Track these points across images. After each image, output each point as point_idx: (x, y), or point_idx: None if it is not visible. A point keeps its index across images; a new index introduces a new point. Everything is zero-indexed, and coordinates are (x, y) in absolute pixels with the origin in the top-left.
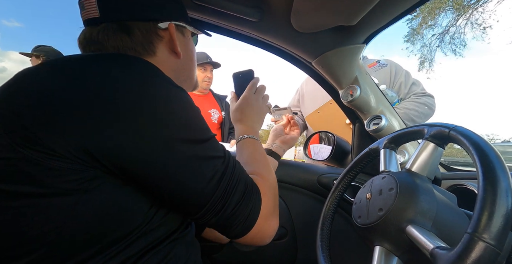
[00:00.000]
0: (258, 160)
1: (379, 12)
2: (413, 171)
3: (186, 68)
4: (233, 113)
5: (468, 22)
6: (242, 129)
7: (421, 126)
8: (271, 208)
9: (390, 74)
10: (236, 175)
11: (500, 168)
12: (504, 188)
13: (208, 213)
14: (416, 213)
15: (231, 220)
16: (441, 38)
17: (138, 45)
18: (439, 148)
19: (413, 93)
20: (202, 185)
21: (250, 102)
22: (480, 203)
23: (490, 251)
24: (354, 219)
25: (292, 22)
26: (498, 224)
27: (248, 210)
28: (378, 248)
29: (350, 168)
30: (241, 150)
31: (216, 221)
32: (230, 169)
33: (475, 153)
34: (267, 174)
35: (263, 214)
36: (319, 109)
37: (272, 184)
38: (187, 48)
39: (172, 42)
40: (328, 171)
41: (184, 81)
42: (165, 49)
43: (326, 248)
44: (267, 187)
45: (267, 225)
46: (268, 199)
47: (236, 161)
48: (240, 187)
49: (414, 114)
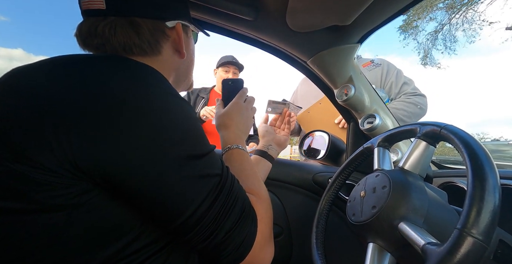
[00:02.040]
0: (249, 175)
1: (373, 12)
2: (405, 169)
3: (187, 68)
4: (220, 118)
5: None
6: (229, 137)
7: (414, 125)
8: (268, 235)
9: (382, 74)
10: (232, 197)
11: (489, 166)
12: (492, 185)
13: (195, 238)
14: (408, 210)
15: (221, 247)
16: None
17: (145, 43)
18: (430, 147)
19: (404, 93)
20: (193, 207)
21: (239, 109)
22: (469, 200)
23: (478, 246)
24: (348, 216)
25: (287, 21)
26: (486, 220)
27: (242, 238)
28: (372, 245)
29: (344, 167)
30: (230, 163)
31: (204, 247)
32: (226, 190)
33: (465, 151)
34: (264, 193)
35: (259, 242)
36: (309, 109)
37: (269, 204)
38: (189, 48)
39: (179, 42)
40: (323, 169)
41: (182, 81)
42: (170, 48)
43: (321, 246)
44: (264, 210)
45: (263, 254)
46: (265, 225)
47: (234, 178)
48: (236, 210)
49: (403, 114)
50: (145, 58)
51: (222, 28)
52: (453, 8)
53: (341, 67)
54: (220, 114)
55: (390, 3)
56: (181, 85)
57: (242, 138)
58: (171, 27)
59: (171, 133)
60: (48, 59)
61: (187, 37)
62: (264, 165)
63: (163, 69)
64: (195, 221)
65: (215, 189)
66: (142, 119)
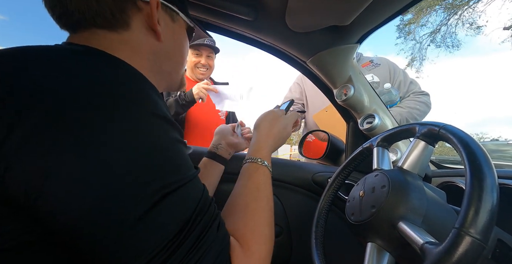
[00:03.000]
0: (257, 209)
1: (372, 12)
2: (404, 169)
3: (172, 57)
4: (268, 120)
5: (459, 21)
6: (262, 147)
7: (413, 124)
8: None
9: (389, 72)
10: (206, 242)
11: (487, 165)
12: (490, 184)
13: None
14: (407, 209)
15: None
16: (432, 37)
17: (106, 11)
18: (429, 146)
19: (412, 92)
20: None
21: (288, 124)
22: (467, 199)
23: (476, 245)
24: (348, 216)
25: (287, 22)
26: (484, 219)
27: None
28: (371, 244)
29: (344, 167)
30: (246, 180)
31: None
32: (199, 229)
33: (463, 151)
34: (261, 242)
35: None
36: (327, 108)
37: (261, 260)
38: (175, 36)
39: (151, 17)
40: (322, 169)
41: (168, 74)
42: (143, 25)
43: (321, 246)
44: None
45: None
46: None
47: (216, 213)
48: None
49: (417, 113)
50: (113, 33)
51: (222, 28)
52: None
53: (341, 67)
54: (271, 116)
55: (389, 4)
56: (166, 78)
57: (271, 152)
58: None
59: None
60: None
61: (172, 22)
62: (213, 168)
63: (136, 50)
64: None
65: (175, 238)
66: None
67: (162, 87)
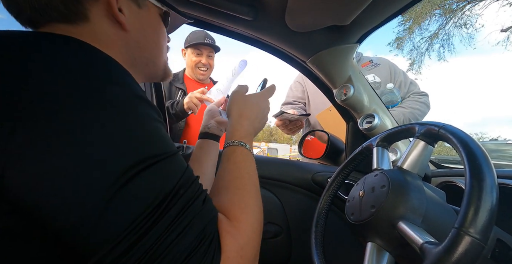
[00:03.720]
0: (241, 186)
1: (372, 12)
2: (404, 168)
3: (144, 46)
4: (237, 102)
5: (456, 25)
6: (238, 131)
7: (412, 124)
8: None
9: (390, 72)
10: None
11: (486, 165)
12: (489, 184)
13: None
14: (406, 209)
15: None
16: (430, 41)
17: (58, 4)
18: (429, 146)
19: (413, 93)
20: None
21: (261, 104)
22: (466, 199)
23: (476, 245)
24: (348, 216)
25: (286, 21)
26: (483, 219)
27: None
28: (370, 244)
29: (343, 166)
30: (227, 163)
31: None
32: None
33: (462, 151)
34: (250, 218)
35: None
36: (331, 107)
37: (250, 237)
38: (144, 23)
39: (110, 6)
40: (322, 169)
41: (145, 65)
42: (104, 15)
43: (320, 245)
44: (238, 245)
45: None
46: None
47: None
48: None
49: (418, 113)
50: (74, 26)
51: (222, 27)
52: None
53: (340, 67)
54: (238, 97)
55: (389, 4)
56: (144, 71)
57: (251, 136)
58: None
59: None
60: None
61: (138, 8)
62: (209, 146)
63: (102, 42)
64: (117, 256)
65: (156, 210)
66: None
67: (140, 78)
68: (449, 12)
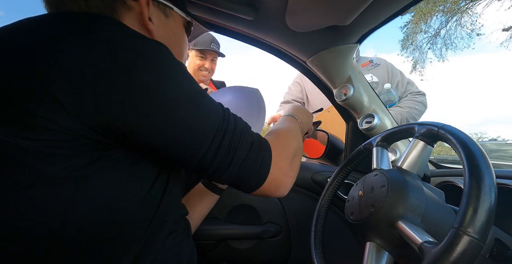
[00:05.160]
0: (281, 128)
1: (372, 12)
2: (403, 168)
3: None
4: (296, 107)
5: (458, 24)
6: (290, 111)
7: (412, 125)
8: (284, 162)
9: (388, 72)
10: (238, 129)
11: (485, 165)
12: (488, 184)
13: (216, 172)
14: (406, 209)
15: (241, 175)
16: (432, 40)
17: (96, 12)
18: (428, 146)
19: (410, 92)
20: (208, 141)
21: (310, 116)
22: (465, 199)
23: (474, 244)
24: (347, 216)
25: (287, 21)
26: (482, 219)
27: (258, 165)
28: (370, 244)
29: (343, 166)
30: (276, 125)
31: (227, 177)
32: (231, 124)
33: (461, 151)
34: (283, 134)
35: (276, 167)
36: (329, 108)
37: (286, 140)
38: (169, 31)
39: (142, 15)
40: (321, 169)
41: None
42: (135, 23)
43: (320, 245)
44: (279, 143)
45: (281, 176)
46: (280, 153)
47: (238, 117)
48: (244, 142)
49: (415, 113)
50: None
51: (222, 27)
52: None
53: (340, 67)
54: (297, 106)
55: (389, 4)
56: None
57: (298, 121)
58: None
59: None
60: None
61: (165, 17)
62: (208, 198)
63: None
64: (212, 155)
65: (222, 123)
66: (140, 66)
67: None
68: (450, 10)
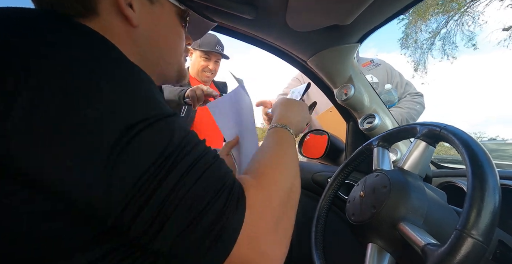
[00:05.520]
0: (270, 154)
1: (373, 11)
2: (405, 169)
3: (155, 43)
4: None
5: (458, 24)
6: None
7: (413, 125)
8: (263, 228)
9: (387, 73)
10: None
11: (488, 166)
12: (492, 186)
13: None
14: (407, 210)
15: (180, 248)
16: (432, 41)
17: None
18: (430, 147)
19: (409, 93)
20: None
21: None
22: (469, 200)
23: (478, 247)
24: (348, 216)
25: (287, 21)
26: (486, 221)
27: (213, 235)
28: (371, 245)
29: (344, 166)
30: (266, 140)
31: (161, 248)
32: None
33: (464, 152)
34: (273, 174)
35: (248, 237)
36: (332, 108)
37: (275, 195)
38: (155, 20)
39: (117, 0)
40: (322, 169)
41: (156, 64)
42: (113, 9)
43: (320, 246)
44: (261, 198)
45: (257, 253)
46: (258, 216)
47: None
48: (195, 196)
49: (414, 113)
50: (86, 20)
51: (222, 27)
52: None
53: (341, 66)
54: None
55: (390, 3)
56: (156, 70)
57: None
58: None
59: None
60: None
61: (150, 4)
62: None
63: (113, 38)
64: (132, 214)
65: (163, 164)
66: None
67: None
68: (450, 10)
